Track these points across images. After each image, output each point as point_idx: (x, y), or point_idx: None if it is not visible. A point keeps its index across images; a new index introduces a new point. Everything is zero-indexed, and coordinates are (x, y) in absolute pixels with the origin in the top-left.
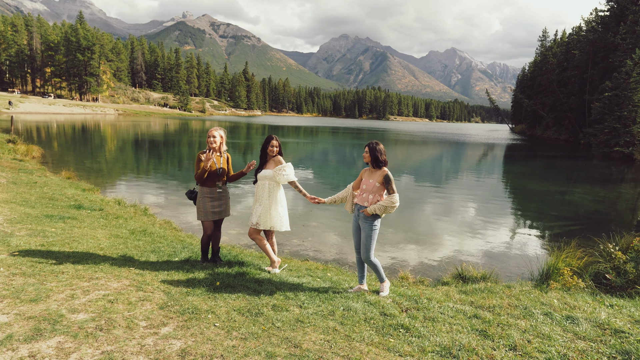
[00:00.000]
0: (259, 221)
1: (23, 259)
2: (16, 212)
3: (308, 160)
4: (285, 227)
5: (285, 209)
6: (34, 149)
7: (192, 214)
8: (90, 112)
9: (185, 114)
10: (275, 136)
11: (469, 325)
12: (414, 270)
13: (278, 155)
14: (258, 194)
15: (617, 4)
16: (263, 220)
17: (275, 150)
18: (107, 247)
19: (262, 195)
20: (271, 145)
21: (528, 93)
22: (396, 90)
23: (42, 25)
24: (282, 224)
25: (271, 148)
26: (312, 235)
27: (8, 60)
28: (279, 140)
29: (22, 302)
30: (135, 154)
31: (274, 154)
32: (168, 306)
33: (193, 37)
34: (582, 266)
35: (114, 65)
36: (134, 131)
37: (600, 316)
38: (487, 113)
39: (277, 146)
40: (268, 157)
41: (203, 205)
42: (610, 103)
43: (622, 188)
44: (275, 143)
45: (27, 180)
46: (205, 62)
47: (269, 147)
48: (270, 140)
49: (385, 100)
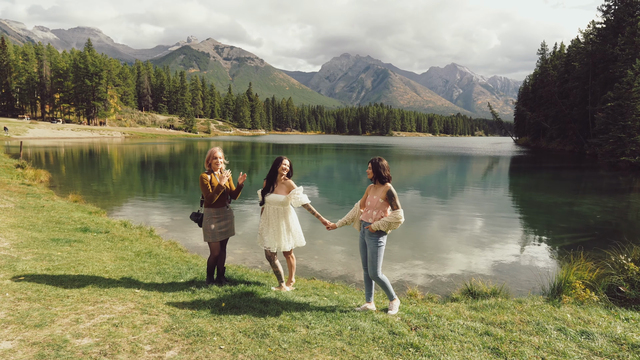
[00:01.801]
0: (271, 245)
1: (29, 283)
2: (23, 236)
3: (313, 178)
4: (300, 242)
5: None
6: (42, 174)
7: (197, 234)
8: (97, 136)
9: (191, 135)
10: (285, 157)
11: (480, 343)
12: (422, 286)
13: (289, 180)
14: (270, 218)
15: (613, 16)
16: (279, 245)
17: (286, 169)
18: (112, 270)
19: (274, 220)
20: (284, 164)
21: (530, 105)
22: (398, 106)
23: (52, 54)
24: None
25: (284, 166)
26: (318, 253)
27: (19, 88)
28: (290, 161)
29: (26, 328)
30: (142, 176)
31: (285, 175)
32: (173, 329)
33: (198, 60)
34: (594, 279)
35: (121, 89)
36: (140, 153)
37: (616, 331)
38: (490, 126)
39: (289, 166)
40: (279, 176)
41: (210, 226)
42: (613, 113)
43: (631, 198)
44: (287, 162)
45: (34, 205)
46: (209, 84)
47: (281, 164)
48: (282, 160)
49: (388, 117)
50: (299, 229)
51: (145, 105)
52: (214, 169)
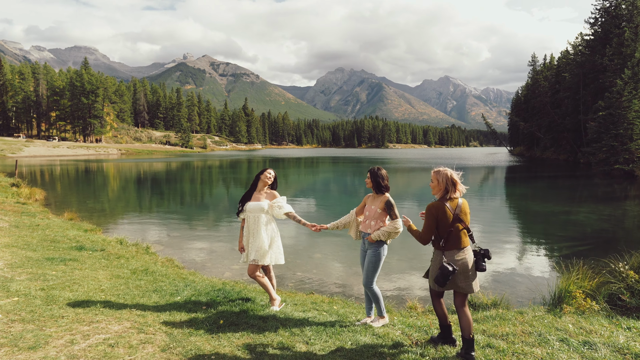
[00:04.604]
0: (256, 257)
1: (22, 304)
2: (17, 256)
3: (310, 191)
4: (282, 259)
5: (280, 242)
6: (37, 192)
7: (194, 250)
8: (93, 153)
9: (187, 150)
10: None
11: (482, 355)
12: (422, 299)
13: (273, 190)
14: (251, 228)
15: (600, 28)
16: (261, 254)
17: (270, 178)
18: (108, 289)
19: (257, 229)
20: (267, 172)
21: (523, 116)
22: (393, 118)
23: (49, 72)
24: (279, 257)
25: (268, 175)
26: (316, 267)
27: (15, 107)
28: (275, 172)
29: (20, 350)
30: (137, 193)
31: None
32: (170, 348)
33: (194, 77)
34: (594, 287)
35: (117, 106)
36: (136, 170)
37: (619, 340)
38: (484, 137)
39: (272, 177)
40: (261, 185)
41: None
42: (605, 122)
43: (627, 205)
44: (271, 172)
45: (29, 223)
46: (205, 100)
47: (265, 172)
48: (266, 170)
49: (383, 129)
50: (279, 245)
51: (141, 121)
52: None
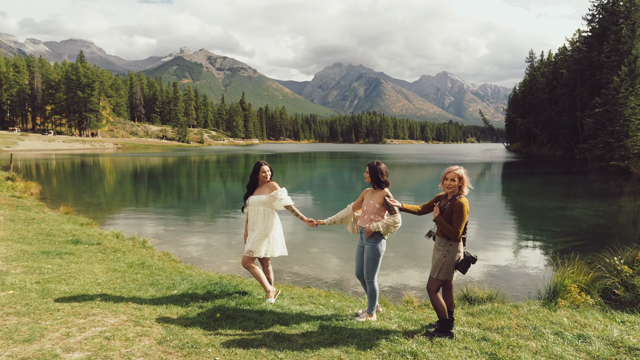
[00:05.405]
0: (252, 248)
1: (18, 297)
2: (12, 249)
3: (307, 186)
4: (279, 251)
5: (281, 234)
6: (32, 186)
7: (191, 244)
8: (89, 147)
9: (184, 145)
10: (264, 162)
11: (478, 348)
12: (418, 293)
13: (272, 181)
14: (251, 220)
15: (598, 25)
16: (257, 247)
17: (267, 176)
18: (104, 282)
19: (255, 221)
20: (262, 171)
21: (520, 112)
22: (391, 114)
23: (44, 65)
24: (275, 249)
25: (263, 174)
26: (313, 261)
27: (9, 100)
28: (269, 165)
29: (15, 343)
30: (134, 187)
31: (267, 180)
32: (167, 341)
33: (191, 71)
34: (589, 282)
35: (114, 100)
36: (132, 164)
37: (613, 334)
38: (482, 133)
39: (269, 171)
40: (260, 182)
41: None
42: (601, 118)
43: (621, 201)
44: (265, 168)
45: (24, 217)
46: (202, 94)
47: (260, 173)
48: (261, 166)
49: (381, 124)
50: (277, 238)
51: (138, 115)
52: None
